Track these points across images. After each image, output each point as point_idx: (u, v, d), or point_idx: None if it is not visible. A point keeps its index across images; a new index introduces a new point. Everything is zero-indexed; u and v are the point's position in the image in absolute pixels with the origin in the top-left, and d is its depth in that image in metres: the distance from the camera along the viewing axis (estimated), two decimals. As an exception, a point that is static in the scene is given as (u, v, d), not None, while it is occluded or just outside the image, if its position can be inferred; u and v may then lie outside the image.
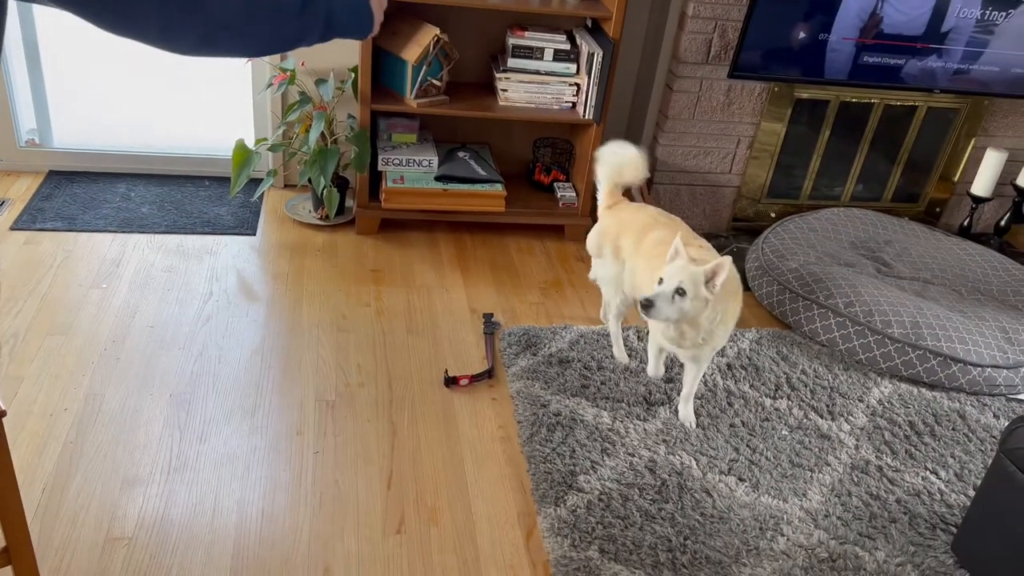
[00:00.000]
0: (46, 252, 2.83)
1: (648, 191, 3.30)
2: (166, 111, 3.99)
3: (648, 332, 2.45)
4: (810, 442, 2.42)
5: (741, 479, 2.26)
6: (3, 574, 1.75)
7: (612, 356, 2.65)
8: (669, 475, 2.23)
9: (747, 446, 2.37)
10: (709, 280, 2.05)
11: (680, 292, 2.04)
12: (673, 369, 2.62)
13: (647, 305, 2.04)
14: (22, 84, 3.21)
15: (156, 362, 2.42)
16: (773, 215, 3.61)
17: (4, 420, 1.52)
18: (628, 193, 2.64)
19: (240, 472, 2.10)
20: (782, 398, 2.59)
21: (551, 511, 2.08)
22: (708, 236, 3.54)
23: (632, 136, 3.57)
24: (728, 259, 2.04)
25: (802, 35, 3.07)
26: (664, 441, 2.35)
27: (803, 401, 2.58)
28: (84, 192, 3.20)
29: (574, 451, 2.26)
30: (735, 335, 2.85)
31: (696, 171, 3.43)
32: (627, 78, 3.49)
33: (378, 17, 1.27)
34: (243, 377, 2.41)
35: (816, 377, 2.70)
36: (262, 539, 1.94)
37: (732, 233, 3.59)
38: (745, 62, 3.08)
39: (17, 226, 2.94)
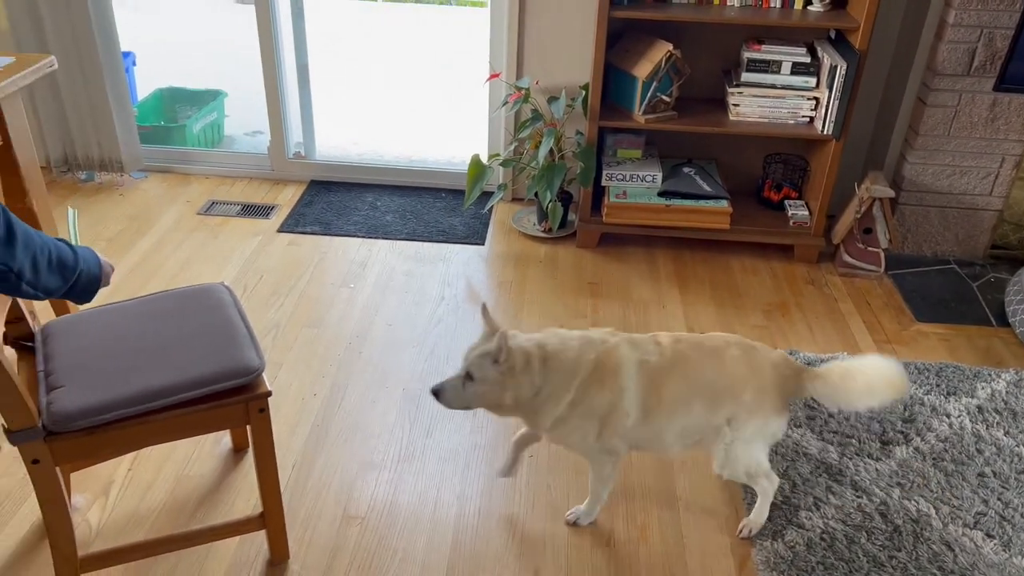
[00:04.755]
0: (305, 253, 3.17)
1: (892, 212, 3.06)
2: (411, 128, 4.33)
3: None
4: (1079, 504, 2.12)
5: (989, 535, 2.02)
6: (257, 537, 1.98)
7: None
8: (903, 521, 2.05)
9: (998, 499, 2.12)
10: (496, 358, 1.78)
11: (469, 377, 1.80)
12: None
13: (436, 392, 1.82)
14: (293, 103, 3.62)
15: (393, 358, 2.62)
16: (1042, 243, 3.21)
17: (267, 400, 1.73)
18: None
19: (461, 468, 2.22)
20: (1045, 450, 2.29)
21: (767, 544, 1.99)
22: (961, 263, 3.21)
23: (876, 153, 3.33)
24: (502, 332, 1.75)
25: (1090, 41, 2.71)
26: (899, 484, 2.16)
27: (1072, 456, 2.27)
28: (338, 200, 3.54)
29: (795, 485, 2.15)
30: (987, 374, 2.56)
31: (949, 192, 3.13)
32: (872, 91, 3.26)
33: (105, 284, 1.54)
34: (467, 378, 2.54)
35: (1090, 430, 2.36)
36: (478, 534, 2.03)
37: (990, 261, 3.23)
38: (1016, 73, 2.77)
39: (283, 229, 3.32)
